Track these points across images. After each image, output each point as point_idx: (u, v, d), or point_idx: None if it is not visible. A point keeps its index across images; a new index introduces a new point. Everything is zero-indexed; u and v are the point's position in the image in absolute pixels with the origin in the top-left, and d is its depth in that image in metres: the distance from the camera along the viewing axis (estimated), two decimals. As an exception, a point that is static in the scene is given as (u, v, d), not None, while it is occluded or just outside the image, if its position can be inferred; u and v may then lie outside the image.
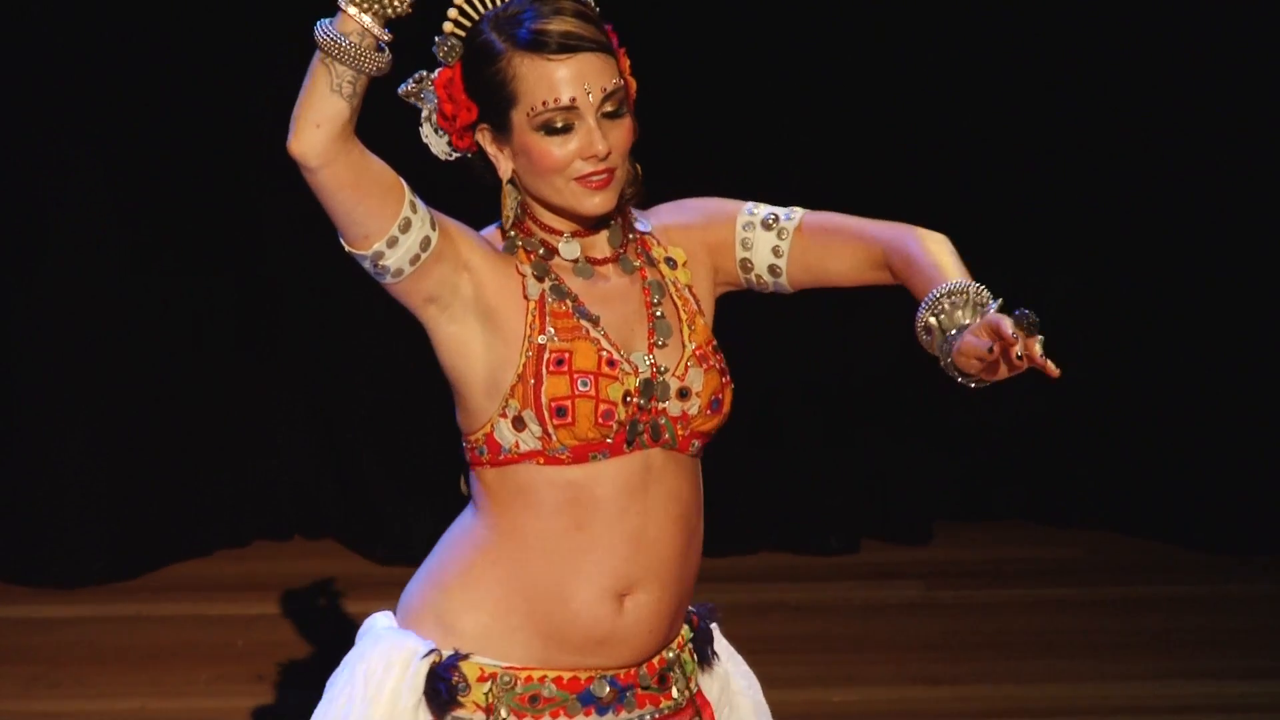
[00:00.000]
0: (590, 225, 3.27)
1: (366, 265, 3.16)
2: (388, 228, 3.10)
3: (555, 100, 3.12)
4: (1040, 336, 2.98)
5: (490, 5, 3.20)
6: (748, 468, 7.23)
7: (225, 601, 6.98)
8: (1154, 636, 6.62)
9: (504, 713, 3.23)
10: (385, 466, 7.29)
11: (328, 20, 3.02)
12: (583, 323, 3.21)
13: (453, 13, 3.19)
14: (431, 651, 3.21)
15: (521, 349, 3.19)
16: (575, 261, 3.25)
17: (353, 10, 2.98)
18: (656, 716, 3.29)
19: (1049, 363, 2.97)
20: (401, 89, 3.25)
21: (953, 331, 3.05)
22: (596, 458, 3.19)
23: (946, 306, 3.07)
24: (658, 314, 3.25)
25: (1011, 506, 7.50)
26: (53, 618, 6.91)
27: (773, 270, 3.31)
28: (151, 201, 7.19)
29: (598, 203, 3.18)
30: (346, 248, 3.16)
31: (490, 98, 3.18)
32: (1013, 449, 7.47)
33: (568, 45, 3.13)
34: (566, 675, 3.22)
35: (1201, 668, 6.33)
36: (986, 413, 7.37)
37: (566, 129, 3.15)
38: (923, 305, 3.10)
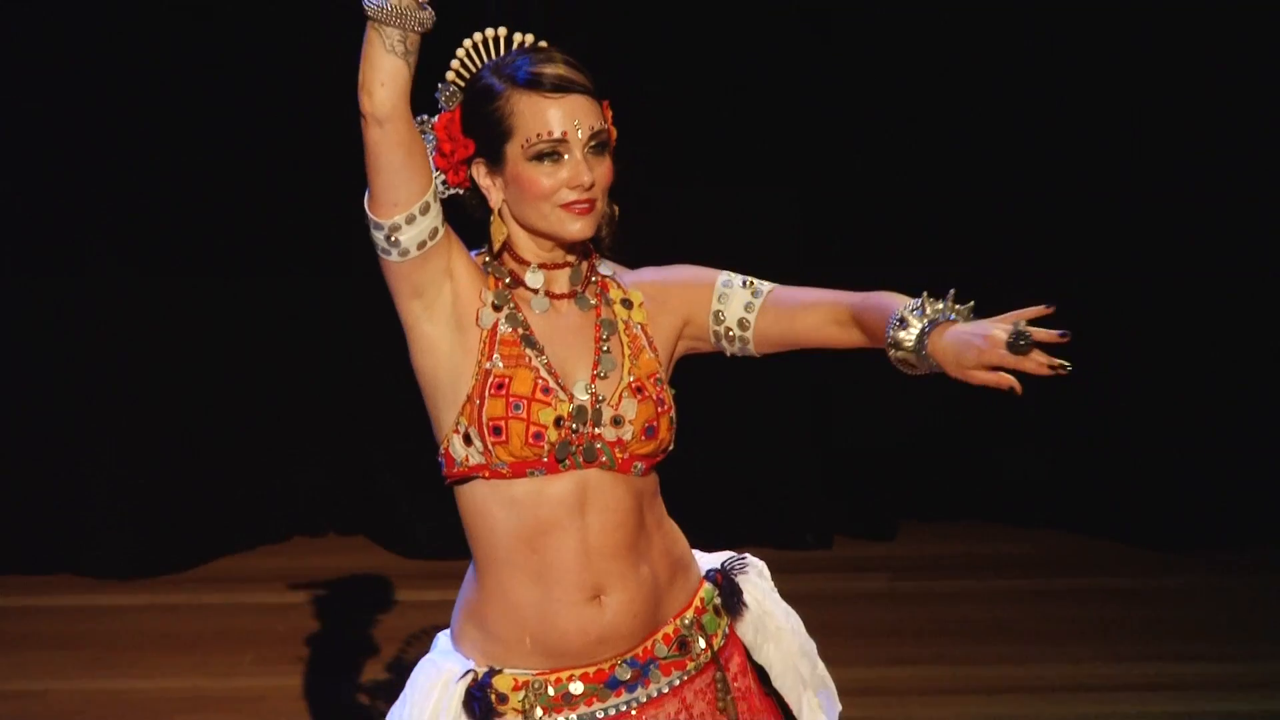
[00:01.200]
0: (559, 259, 3.29)
1: (380, 237, 3.17)
2: (415, 200, 3.15)
3: (549, 133, 3.18)
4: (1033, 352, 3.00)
5: (489, 57, 3.27)
6: (736, 473, 7.22)
7: (266, 591, 7.00)
8: (1097, 623, 6.63)
9: (539, 713, 3.27)
10: (408, 468, 7.28)
11: None
12: (527, 351, 3.24)
13: (455, 64, 3.26)
14: (468, 673, 3.27)
15: (474, 371, 3.23)
16: (536, 292, 3.28)
17: None
18: (683, 680, 3.30)
19: (1057, 363, 3.00)
20: None
21: (939, 319, 3.06)
22: (533, 474, 3.21)
23: (929, 310, 3.08)
24: (604, 348, 3.28)
25: (968, 507, 7.51)
26: (111, 606, 6.96)
27: (742, 324, 3.32)
28: (194, 209, 7.16)
29: (578, 228, 3.22)
30: (370, 215, 3.18)
31: (488, 133, 3.24)
32: (969, 455, 7.44)
33: (561, 86, 3.20)
34: (591, 670, 3.26)
35: (1139, 651, 6.36)
36: (944, 423, 7.37)
37: (556, 160, 3.20)
38: (896, 311, 3.11)
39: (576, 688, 3.25)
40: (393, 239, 3.15)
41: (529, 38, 3.29)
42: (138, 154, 7.10)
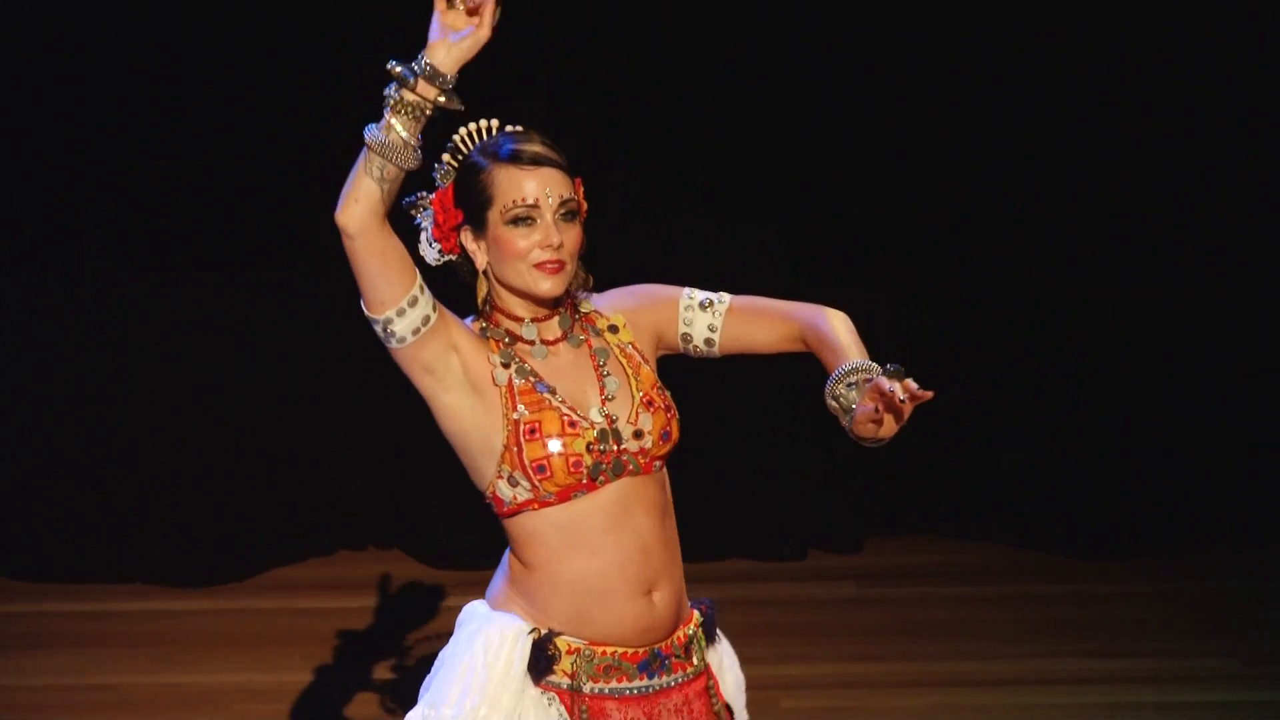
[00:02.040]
0: (545, 311, 3.38)
1: (378, 330, 3.27)
2: (400, 297, 3.23)
3: (523, 200, 3.30)
4: (907, 378, 3.10)
5: (477, 142, 3.38)
6: (720, 491, 7.23)
7: (314, 598, 7.05)
8: (1040, 624, 6.67)
9: (584, 678, 3.36)
10: (441, 488, 7.28)
11: (375, 124, 3.17)
12: (545, 395, 3.31)
13: (450, 147, 3.39)
14: (533, 629, 3.35)
15: (504, 424, 3.30)
16: (533, 343, 3.36)
17: (392, 119, 3.15)
18: (685, 679, 3.42)
19: (923, 392, 3.09)
20: (406, 200, 3.40)
21: (852, 409, 3.19)
22: (578, 495, 3.31)
23: (842, 390, 3.20)
24: (605, 374, 3.37)
25: (925, 523, 7.53)
26: (177, 610, 7.01)
27: (708, 342, 3.43)
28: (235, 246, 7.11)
29: (549, 286, 3.32)
30: (365, 312, 3.27)
31: (473, 202, 3.34)
32: (925, 477, 7.44)
33: (536, 160, 3.32)
34: (631, 650, 3.36)
35: (1072, 649, 6.41)
36: (903, 449, 7.49)
37: (530, 224, 3.31)
38: (827, 385, 3.23)
39: (617, 662, 3.37)
40: (388, 331, 3.26)
41: (518, 127, 3.40)
42: (200, 167, 7.05)
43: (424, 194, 3.43)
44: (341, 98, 6.52)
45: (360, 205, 3.17)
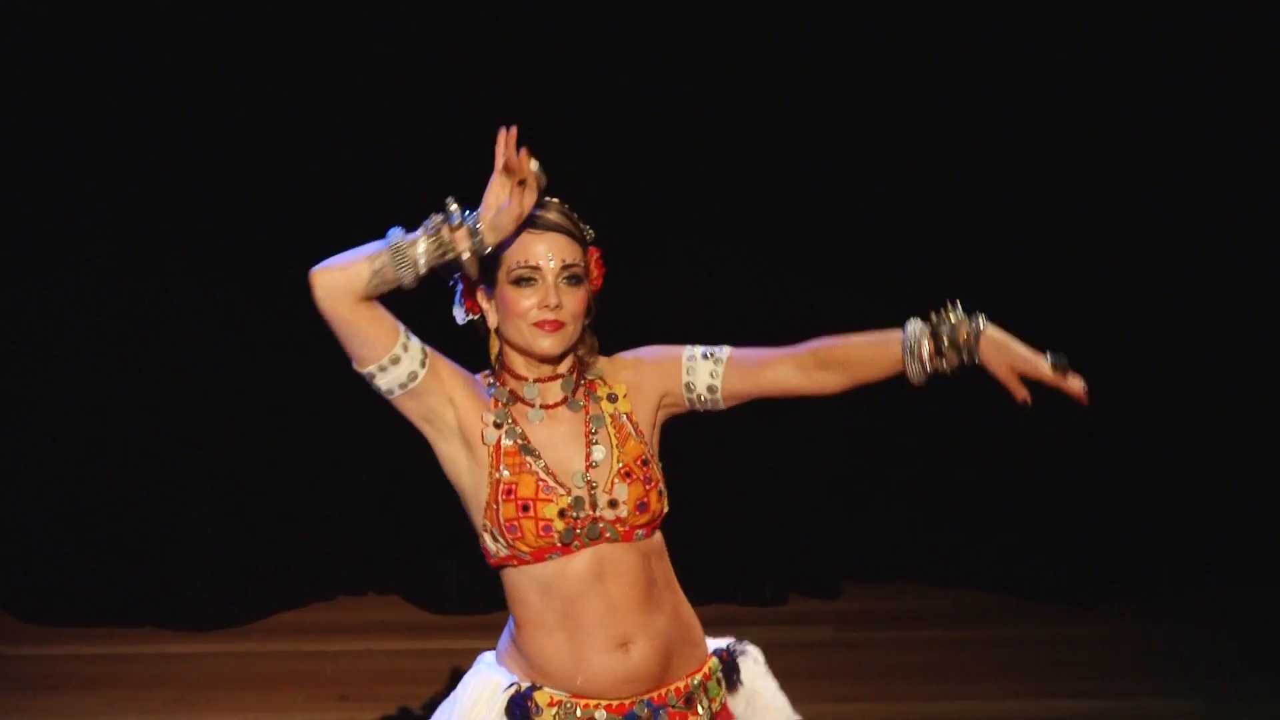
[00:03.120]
0: (548, 372, 3.40)
1: (366, 379, 3.33)
2: (378, 357, 3.29)
3: (526, 261, 3.35)
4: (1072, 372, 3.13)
5: None
6: (704, 537, 7.19)
7: (316, 641, 7.02)
8: (1008, 667, 6.64)
9: None
10: (438, 535, 7.25)
11: (404, 231, 3.23)
12: (527, 459, 3.34)
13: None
14: (512, 684, 3.39)
15: (488, 482, 3.36)
16: (533, 404, 3.39)
17: (422, 240, 3.22)
18: None
19: (1081, 392, 3.15)
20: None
21: (960, 328, 3.20)
22: (552, 557, 3.35)
23: (936, 321, 3.23)
24: (594, 442, 3.39)
25: (902, 569, 7.51)
26: (188, 653, 6.98)
27: (710, 389, 3.43)
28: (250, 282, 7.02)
29: (547, 345, 3.36)
30: (353, 363, 3.33)
31: (488, 264, 3.38)
32: (901, 525, 7.43)
33: (544, 226, 3.36)
34: (615, 703, 3.38)
35: (1038, 689, 6.38)
36: (880, 497, 7.36)
37: (531, 284, 3.35)
38: (913, 332, 3.24)
39: (601, 715, 3.39)
40: (373, 384, 3.34)
41: (554, 200, 3.43)
42: (235, 200, 6.97)
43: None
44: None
45: (341, 278, 3.23)
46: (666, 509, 3.41)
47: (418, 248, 3.21)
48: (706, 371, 3.44)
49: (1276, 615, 7.05)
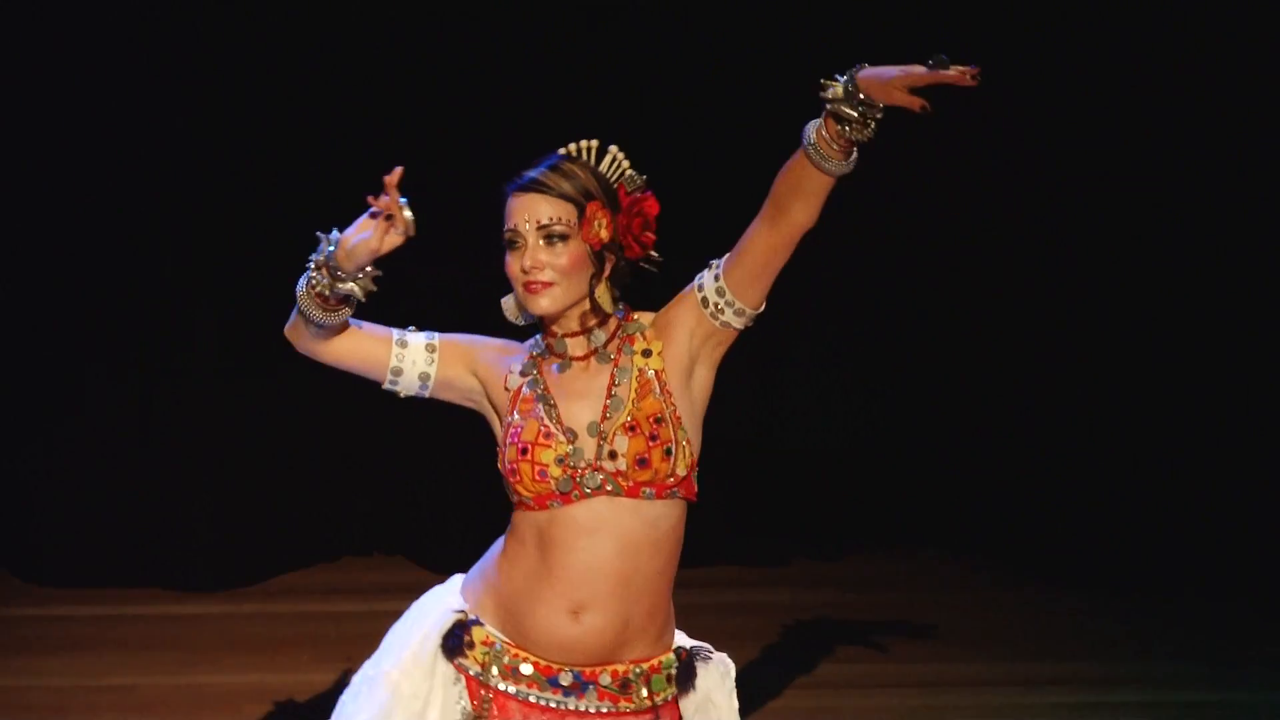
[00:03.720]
0: (574, 327, 3.39)
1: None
2: (381, 377, 3.41)
3: (507, 225, 3.37)
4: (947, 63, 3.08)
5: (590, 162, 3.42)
6: (710, 505, 6.77)
7: (321, 602, 7.08)
8: (1007, 629, 6.77)
9: (495, 671, 3.38)
10: (442, 498, 7.31)
11: (300, 279, 3.31)
12: (538, 405, 3.36)
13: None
14: (459, 612, 3.42)
15: (502, 426, 3.42)
16: (562, 356, 3.39)
17: (304, 285, 3.32)
18: (613, 712, 3.38)
19: (963, 70, 3.10)
20: None
21: (837, 89, 3.15)
22: (553, 505, 3.34)
23: (824, 101, 3.17)
24: (614, 394, 3.36)
25: (904, 533, 7.62)
26: (194, 614, 7.03)
27: (719, 292, 3.36)
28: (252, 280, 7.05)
29: (539, 305, 3.37)
30: None
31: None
32: (904, 491, 7.52)
33: (525, 187, 3.37)
34: (542, 662, 3.37)
35: (1042, 652, 6.47)
36: (884, 464, 7.45)
37: (515, 247, 3.36)
38: (812, 126, 3.18)
39: (526, 668, 3.38)
40: (399, 395, 3.46)
41: (614, 149, 3.42)
42: (229, 192, 7.06)
43: None
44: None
45: (295, 333, 3.40)
46: (681, 474, 3.36)
47: (305, 291, 3.31)
48: (711, 278, 3.40)
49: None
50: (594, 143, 3.41)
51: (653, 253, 3.43)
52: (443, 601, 3.45)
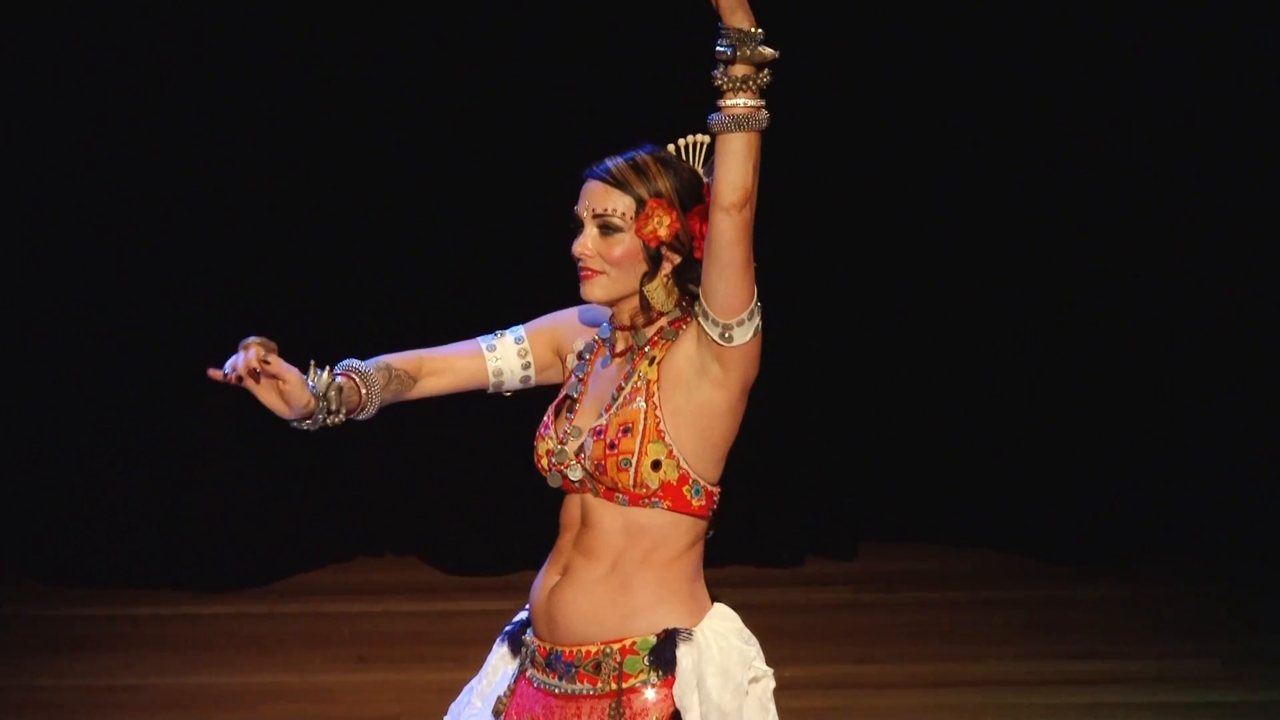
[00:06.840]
0: (624, 321, 3.35)
1: None
2: (486, 388, 3.45)
3: (575, 209, 3.35)
4: None
5: (688, 160, 3.38)
6: (723, 503, 6.91)
7: (334, 602, 7.07)
8: (1024, 627, 6.74)
9: (528, 664, 3.39)
10: (455, 497, 7.30)
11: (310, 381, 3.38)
12: (564, 394, 3.40)
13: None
14: (523, 611, 3.45)
15: None
16: (611, 349, 3.38)
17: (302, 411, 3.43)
18: (585, 694, 3.31)
19: None
20: None
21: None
22: (565, 493, 3.38)
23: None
24: (617, 396, 3.32)
25: (917, 530, 7.55)
26: (206, 614, 7.02)
27: (697, 298, 3.27)
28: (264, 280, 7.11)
29: (585, 292, 3.34)
30: None
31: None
32: (917, 487, 7.47)
33: (592, 175, 3.34)
34: (547, 647, 3.36)
35: (1055, 650, 6.48)
36: (896, 459, 7.42)
37: (575, 230, 3.34)
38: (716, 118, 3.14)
39: (533, 652, 3.38)
40: (503, 393, 3.49)
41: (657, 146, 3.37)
42: (235, 191, 7.06)
43: None
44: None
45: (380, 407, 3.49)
46: (652, 486, 3.27)
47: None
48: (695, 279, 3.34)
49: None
50: (703, 139, 3.35)
51: None
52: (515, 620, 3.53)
